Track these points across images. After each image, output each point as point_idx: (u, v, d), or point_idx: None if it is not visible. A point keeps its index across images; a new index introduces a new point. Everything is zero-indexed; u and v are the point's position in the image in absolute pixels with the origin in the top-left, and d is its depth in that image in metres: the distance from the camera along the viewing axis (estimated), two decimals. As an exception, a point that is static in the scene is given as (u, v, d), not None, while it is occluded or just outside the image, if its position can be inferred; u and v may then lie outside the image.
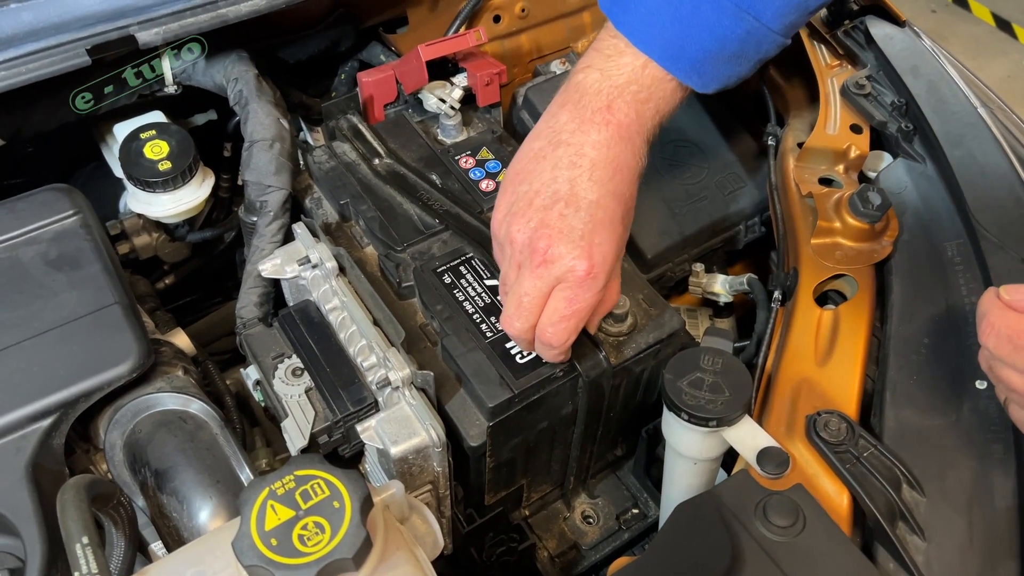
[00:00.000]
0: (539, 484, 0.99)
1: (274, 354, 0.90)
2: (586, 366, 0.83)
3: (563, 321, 0.73)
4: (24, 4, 0.78)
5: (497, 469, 0.88)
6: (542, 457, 0.94)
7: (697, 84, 0.76)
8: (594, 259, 0.71)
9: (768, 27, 0.73)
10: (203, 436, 0.81)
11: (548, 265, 0.71)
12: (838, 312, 0.82)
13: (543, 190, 0.73)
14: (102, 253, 0.88)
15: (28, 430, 0.76)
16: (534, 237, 0.72)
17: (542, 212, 0.72)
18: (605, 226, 0.72)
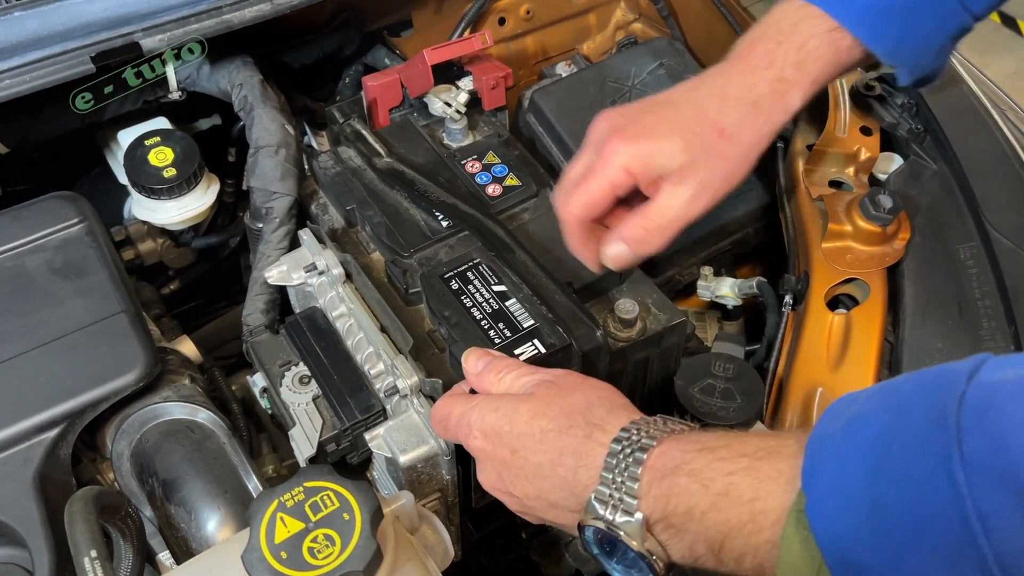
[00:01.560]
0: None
1: (281, 362, 0.90)
2: (580, 337, 0.81)
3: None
4: (28, 12, 0.78)
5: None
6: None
7: (867, 37, 0.76)
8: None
9: (973, 14, 0.75)
10: (211, 446, 0.81)
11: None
12: (850, 316, 0.81)
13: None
14: (108, 261, 0.88)
15: (35, 440, 0.76)
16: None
17: None
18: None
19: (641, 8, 1.29)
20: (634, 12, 1.30)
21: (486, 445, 0.67)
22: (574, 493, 0.61)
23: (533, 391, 0.67)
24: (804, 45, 0.76)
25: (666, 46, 1.18)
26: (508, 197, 0.98)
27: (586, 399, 0.65)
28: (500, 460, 0.66)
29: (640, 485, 0.56)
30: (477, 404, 0.69)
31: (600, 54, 1.32)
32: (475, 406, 0.68)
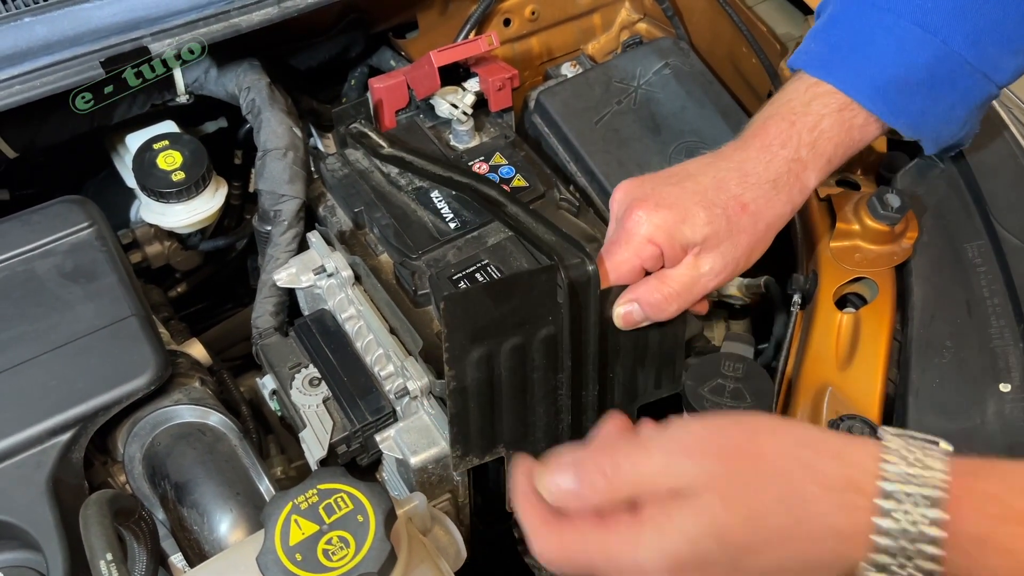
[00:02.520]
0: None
1: (291, 364, 0.90)
2: (569, 266, 0.74)
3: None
4: (38, 18, 0.78)
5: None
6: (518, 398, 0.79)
7: (884, 113, 0.76)
8: None
9: (959, 54, 0.74)
10: (222, 448, 0.81)
11: None
12: (859, 315, 0.81)
13: None
14: (117, 264, 0.88)
15: (48, 444, 0.76)
16: None
17: None
18: None
19: (646, 8, 1.29)
20: (639, 12, 1.30)
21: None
22: (835, 568, 0.51)
23: (702, 479, 0.52)
24: (817, 125, 0.75)
25: (671, 46, 1.18)
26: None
27: (784, 455, 0.52)
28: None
29: (936, 549, 0.48)
30: (632, 535, 0.52)
31: (605, 54, 1.32)
32: (633, 540, 0.52)
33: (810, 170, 0.76)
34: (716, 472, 0.52)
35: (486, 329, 0.73)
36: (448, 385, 0.72)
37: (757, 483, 0.51)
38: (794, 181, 0.75)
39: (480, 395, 0.74)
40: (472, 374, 0.73)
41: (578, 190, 1.10)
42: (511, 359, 0.75)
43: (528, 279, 0.75)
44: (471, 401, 0.74)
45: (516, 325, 0.74)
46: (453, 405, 0.74)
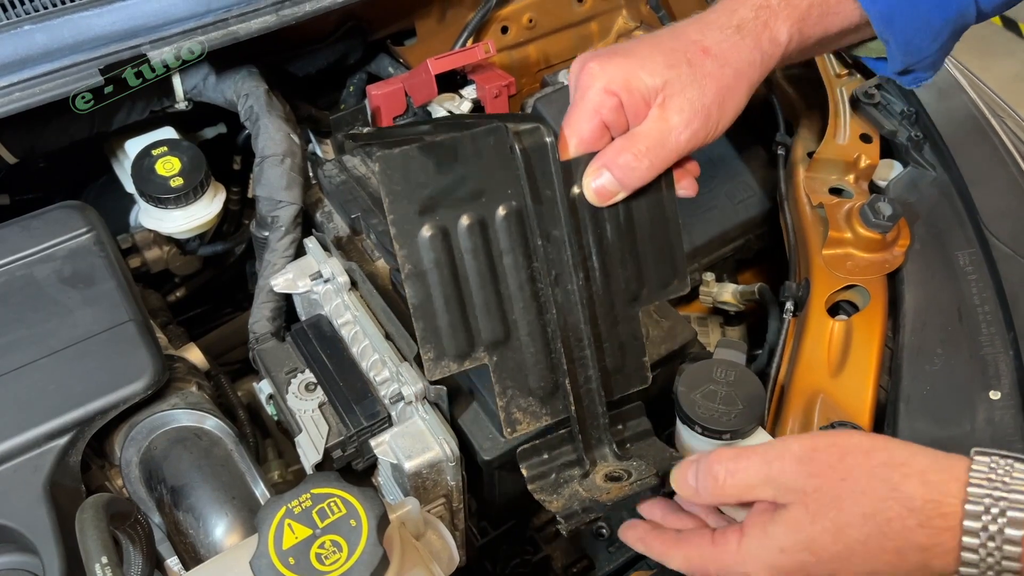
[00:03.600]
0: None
1: (287, 369, 0.91)
2: (520, 131, 0.69)
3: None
4: (38, 25, 0.79)
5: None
6: (489, 289, 0.71)
7: None
8: None
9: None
10: (218, 452, 0.81)
11: None
12: (851, 323, 0.82)
13: None
14: (116, 270, 0.88)
15: (45, 448, 0.77)
16: None
17: None
18: None
19: (642, 15, 1.30)
20: (635, 19, 1.31)
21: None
22: (925, 574, 0.57)
23: (794, 494, 0.59)
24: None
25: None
26: (511, 205, 0.99)
27: (870, 475, 0.57)
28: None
29: (1018, 565, 0.53)
30: (738, 549, 0.61)
31: (602, 61, 1.32)
32: (740, 554, 0.61)
33: (781, 20, 0.71)
34: (807, 488, 0.58)
35: (434, 199, 0.65)
36: (403, 268, 0.65)
37: (843, 500, 0.56)
38: (762, 28, 0.71)
39: (443, 283, 0.66)
40: (428, 255, 0.66)
41: (574, 196, 1.10)
42: (471, 238, 0.67)
43: (472, 141, 0.66)
44: (433, 289, 0.67)
45: (470, 197, 0.67)
46: (413, 293, 0.66)
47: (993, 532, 0.52)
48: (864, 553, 0.56)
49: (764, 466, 0.60)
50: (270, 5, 0.89)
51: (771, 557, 0.59)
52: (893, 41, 0.78)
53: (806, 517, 0.57)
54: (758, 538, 0.60)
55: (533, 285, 0.70)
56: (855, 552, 0.56)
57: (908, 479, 0.55)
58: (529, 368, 0.71)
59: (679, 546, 0.66)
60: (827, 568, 0.58)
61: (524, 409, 0.72)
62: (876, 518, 0.55)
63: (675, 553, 0.66)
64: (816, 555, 0.57)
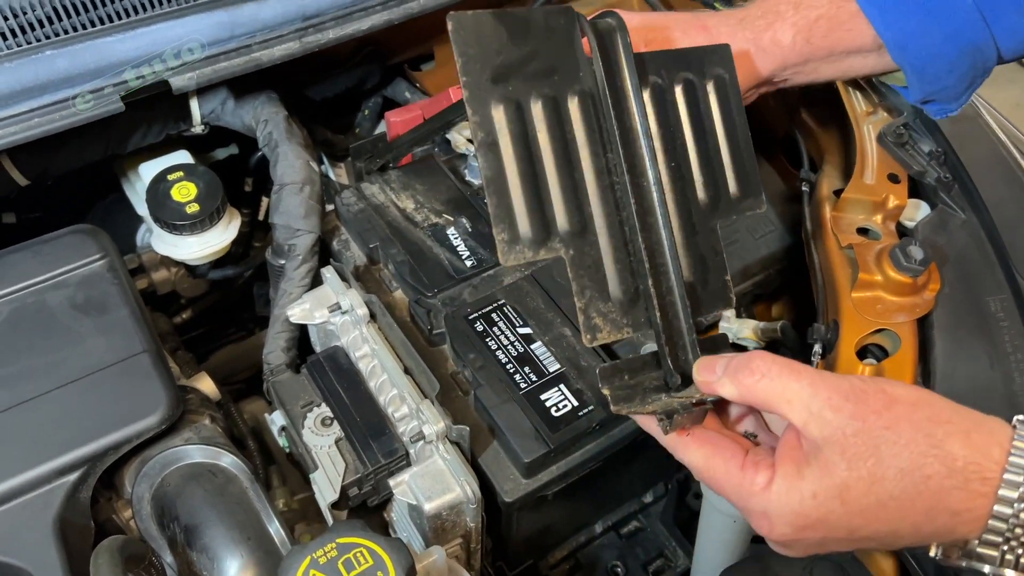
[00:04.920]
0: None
1: (303, 402, 0.89)
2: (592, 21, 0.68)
3: None
4: (59, 51, 0.77)
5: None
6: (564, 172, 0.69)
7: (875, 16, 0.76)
8: None
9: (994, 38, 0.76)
10: (233, 490, 0.79)
11: None
12: (881, 368, 0.81)
13: None
14: (129, 298, 0.87)
15: (55, 484, 0.75)
16: None
17: None
18: None
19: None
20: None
21: (801, 536, 0.56)
22: (940, 540, 0.55)
23: (833, 432, 0.54)
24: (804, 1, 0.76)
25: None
26: (532, 237, 0.97)
27: (916, 428, 0.53)
28: (825, 542, 0.57)
29: None
30: (765, 486, 0.56)
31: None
32: (766, 492, 0.56)
33: (787, 26, 0.75)
34: (847, 430, 0.54)
35: (507, 69, 0.62)
36: (475, 137, 0.61)
37: (883, 450, 0.53)
38: (764, 26, 0.75)
39: (518, 158, 0.62)
40: (502, 125, 0.62)
41: (592, 228, 1.09)
42: (545, 117, 0.63)
43: (543, 18, 0.64)
44: (507, 164, 0.62)
45: (543, 73, 0.64)
46: (486, 165, 0.61)
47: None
48: (894, 510, 0.53)
49: (809, 387, 0.55)
50: (293, 32, 0.88)
51: (800, 503, 0.54)
52: (909, 68, 0.79)
53: (842, 461, 0.53)
54: (790, 478, 0.55)
55: (608, 177, 0.65)
56: (885, 508, 0.53)
57: (951, 437, 0.53)
58: (607, 268, 0.64)
59: (705, 446, 0.60)
60: (852, 522, 0.54)
61: (604, 315, 0.63)
62: (914, 475, 0.52)
63: (697, 452, 0.60)
64: (846, 505, 0.54)
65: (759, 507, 0.57)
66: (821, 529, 0.55)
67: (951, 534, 0.53)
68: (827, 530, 0.55)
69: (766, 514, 0.56)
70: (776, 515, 0.56)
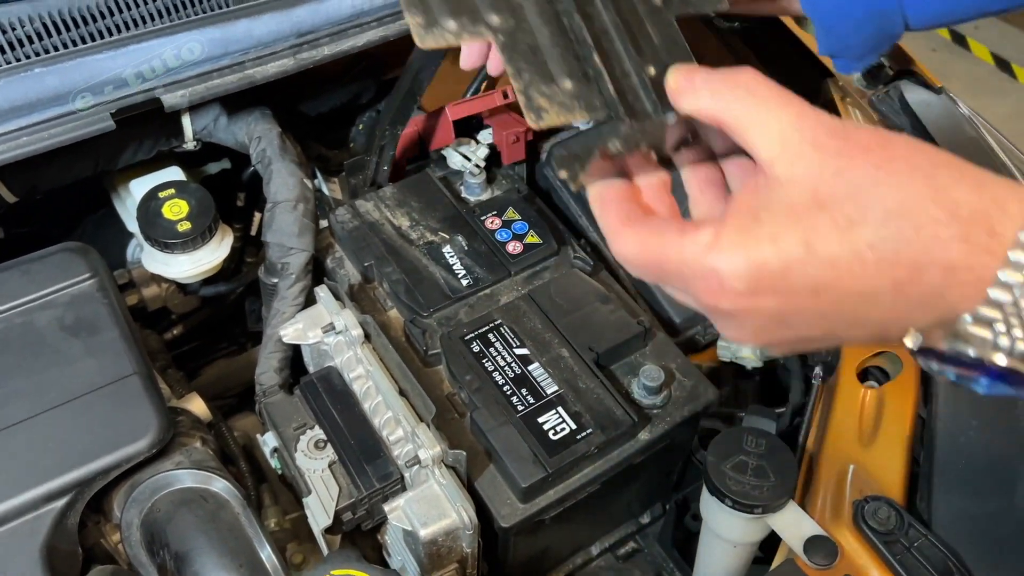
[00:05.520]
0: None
1: (296, 424, 0.87)
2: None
3: None
4: (49, 68, 0.75)
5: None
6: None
7: None
8: None
9: (902, 6, 0.73)
10: (225, 516, 0.78)
11: None
12: (883, 391, 0.80)
13: None
14: (119, 318, 0.85)
15: (43, 511, 0.73)
16: None
17: None
18: None
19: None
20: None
21: (756, 302, 0.45)
22: (924, 315, 0.43)
23: (808, 167, 0.43)
24: None
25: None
26: (529, 255, 0.97)
27: (916, 168, 0.42)
28: (786, 311, 0.45)
29: None
30: (713, 234, 0.45)
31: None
32: (713, 241, 0.45)
33: None
34: (826, 167, 0.43)
35: None
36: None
37: (868, 191, 0.42)
38: None
39: None
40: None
41: (589, 244, 1.08)
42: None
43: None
44: None
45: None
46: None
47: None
48: (872, 263, 0.42)
49: (795, 118, 0.44)
50: (288, 48, 0.86)
51: (755, 248, 0.44)
52: (817, 22, 0.77)
53: (812, 203, 0.43)
54: (744, 224, 0.44)
55: None
56: (862, 260, 0.42)
57: (959, 184, 0.42)
58: (547, 52, 0.53)
59: (636, 225, 0.49)
60: (819, 276, 0.43)
61: (549, 97, 0.52)
62: (902, 220, 0.41)
63: (628, 233, 0.49)
64: (812, 253, 0.43)
65: (706, 267, 0.45)
66: (781, 289, 0.44)
67: (938, 302, 0.42)
68: (788, 292, 0.44)
69: (714, 271, 0.45)
70: (727, 268, 0.44)
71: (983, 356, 0.41)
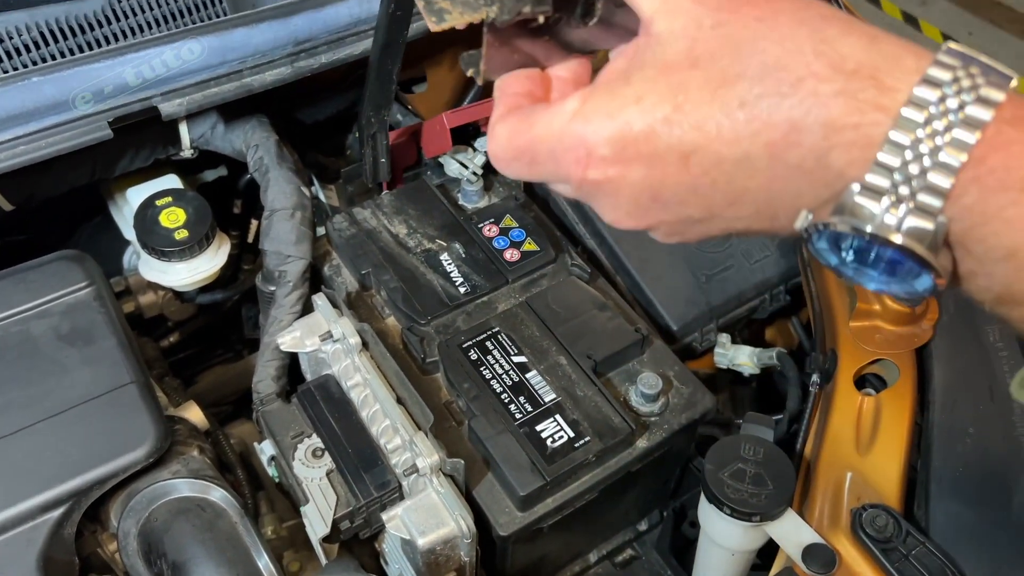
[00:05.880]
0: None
1: (293, 433, 0.87)
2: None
3: None
4: (47, 77, 0.75)
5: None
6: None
7: None
8: None
9: None
10: (222, 525, 0.78)
11: None
12: (880, 399, 0.80)
13: None
14: (116, 327, 0.85)
15: (39, 520, 0.73)
16: None
17: None
18: None
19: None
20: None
21: (624, 169, 0.41)
22: (810, 187, 0.38)
23: (681, 26, 0.40)
24: None
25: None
26: (527, 263, 0.97)
27: (799, 21, 0.38)
28: (655, 181, 0.41)
29: (956, 181, 0.35)
30: (579, 104, 0.42)
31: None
32: (579, 107, 0.42)
33: None
34: (706, 21, 0.39)
35: None
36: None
37: (745, 45, 0.38)
38: None
39: None
40: None
41: (586, 252, 1.08)
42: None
43: None
44: None
45: None
46: None
47: (938, 129, 0.35)
48: (742, 123, 0.38)
49: None
50: (285, 57, 0.87)
51: (620, 110, 0.40)
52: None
53: (686, 59, 0.39)
54: (613, 87, 0.41)
55: None
56: (732, 120, 0.38)
57: (848, 37, 0.37)
58: None
59: (510, 116, 0.45)
60: (684, 138, 0.39)
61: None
62: (780, 74, 0.37)
63: (499, 127, 0.45)
64: (680, 113, 0.39)
65: (572, 135, 0.41)
66: (647, 154, 0.40)
67: (822, 170, 0.37)
68: (654, 158, 0.40)
69: (580, 138, 0.41)
70: (591, 133, 0.40)
71: (876, 233, 0.36)
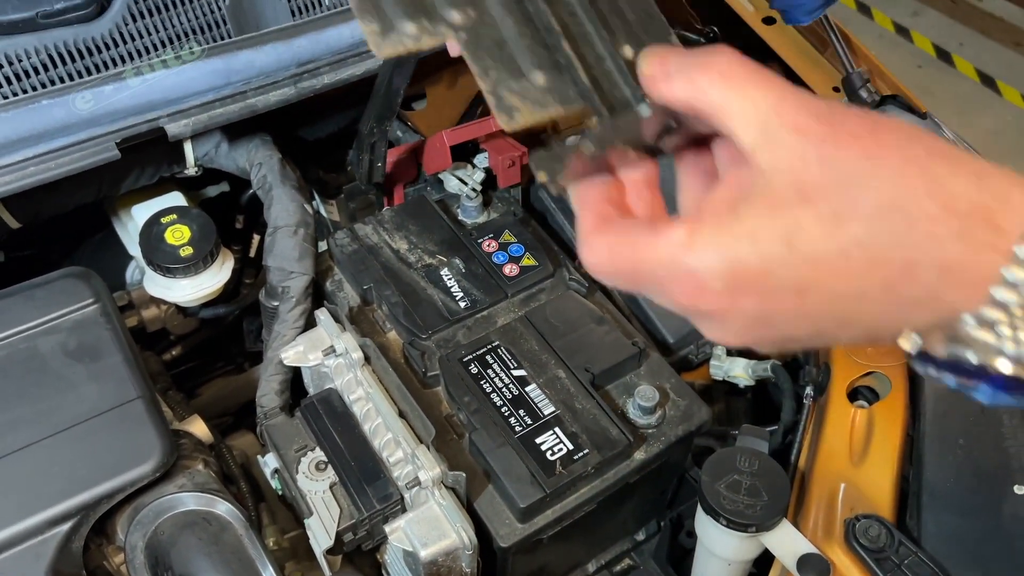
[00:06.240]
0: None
1: (297, 446, 0.88)
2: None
3: None
4: (56, 100, 0.77)
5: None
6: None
7: None
8: None
9: None
10: (228, 539, 0.79)
11: None
12: (872, 411, 0.82)
13: None
14: (122, 343, 0.86)
15: (48, 535, 0.74)
16: None
17: None
18: None
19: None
20: (642, 86, 1.32)
21: (736, 302, 0.41)
22: (920, 316, 0.40)
23: (789, 160, 0.40)
24: None
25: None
26: (525, 277, 0.98)
27: (908, 159, 0.38)
28: (768, 311, 0.41)
29: None
30: (687, 233, 0.42)
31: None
32: (688, 239, 0.42)
33: None
34: (809, 156, 0.39)
35: None
36: None
37: (857, 184, 0.38)
38: None
39: None
40: None
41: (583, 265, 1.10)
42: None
43: None
44: None
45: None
46: None
47: None
48: (861, 261, 0.38)
49: (774, 101, 0.40)
50: (289, 78, 0.88)
51: (733, 246, 0.40)
52: None
53: (795, 196, 0.39)
54: (721, 220, 0.41)
55: None
56: (848, 258, 0.38)
57: (957, 176, 0.38)
58: (513, 44, 0.49)
59: (605, 230, 0.45)
60: (802, 275, 0.39)
61: (520, 93, 0.48)
62: (895, 215, 0.37)
63: (596, 239, 0.45)
64: (794, 251, 0.39)
65: (681, 268, 0.41)
66: (762, 289, 0.40)
67: (934, 304, 0.39)
68: (769, 293, 0.40)
69: (691, 272, 0.41)
70: (703, 268, 0.41)
71: (986, 362, 0.38)
